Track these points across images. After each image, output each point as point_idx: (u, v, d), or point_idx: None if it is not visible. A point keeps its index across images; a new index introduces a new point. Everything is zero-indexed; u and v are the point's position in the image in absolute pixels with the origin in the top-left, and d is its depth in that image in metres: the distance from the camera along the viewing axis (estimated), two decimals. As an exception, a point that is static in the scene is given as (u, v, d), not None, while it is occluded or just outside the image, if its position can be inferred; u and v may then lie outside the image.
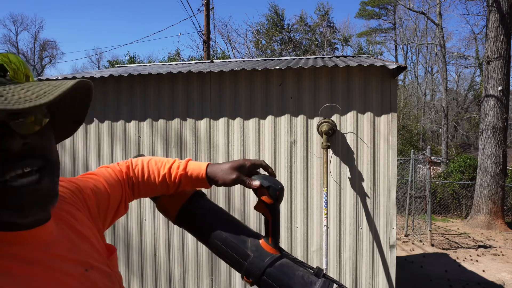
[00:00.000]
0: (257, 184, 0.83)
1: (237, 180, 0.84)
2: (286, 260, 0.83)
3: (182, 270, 3.15)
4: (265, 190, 0.83)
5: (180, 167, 0.87)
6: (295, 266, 0.82)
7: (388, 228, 2.91)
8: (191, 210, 0.89)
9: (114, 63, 23.66)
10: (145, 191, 0.89)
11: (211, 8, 11.05)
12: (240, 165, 0.85)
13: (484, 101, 9.37)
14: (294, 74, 2.98)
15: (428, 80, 26.73)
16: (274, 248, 0.84)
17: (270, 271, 0.80)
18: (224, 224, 0.87)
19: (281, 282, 0.79)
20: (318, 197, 2.97)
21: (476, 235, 8.61)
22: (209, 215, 0.88)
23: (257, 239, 0.85)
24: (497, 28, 8.98)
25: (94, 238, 0.70)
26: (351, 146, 2.93)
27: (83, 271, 0.61)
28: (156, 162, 0.90)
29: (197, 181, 0.87)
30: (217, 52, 20.16)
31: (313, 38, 25.49)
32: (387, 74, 2.87)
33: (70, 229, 0.64)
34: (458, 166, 12.01)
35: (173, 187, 0.88)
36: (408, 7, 20.12)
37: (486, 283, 5.41)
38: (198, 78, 3.08)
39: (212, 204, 0.92)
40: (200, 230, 0.88)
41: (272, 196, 0.83)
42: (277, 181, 0.85)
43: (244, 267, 0.82)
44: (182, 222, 0.89)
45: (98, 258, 0.67)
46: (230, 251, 0.84)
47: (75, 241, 0.64)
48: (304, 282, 0.78)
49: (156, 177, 0.87)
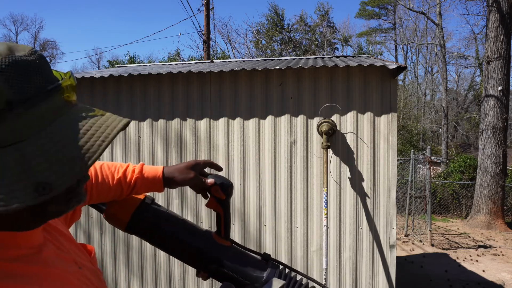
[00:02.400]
0: (211, 181, 0.89)
1: (194, 178, 0.88)
2: (238, 249, 0.91)
3: (182, 270, 3.15)
4: (217, 187, 0.89)
5: (136, 170, 0.88)
6: (246, 254, 0.91)
7: (388, 228, 2.91)
8: (143, 217, 0.89)
9: (114, 63, 23.66)
10: (98, 195, 0.86)
11: (211, 8, 11.05)
12: (195, 164, 0.90)
13: (484, 101, 9.36)
14: (294, 74, 2.98)
15: (428, 80, 26.73)
16: (226, 240, 0.91)
17: (225, 261, 0.87)
18: (177, 225, 0.91)
19: (235, 269, 0.87)
20: (318, 197, 2.97)
21: (476, 235, 8.61)
22: (162, 219, 0.90)
23: (209, 235, 0.91)
24: (497, 28, 8.98)
25: (73, 239, 0.71)
26: (351, 146, 2.93)
27: (77, 268, 0.61)
28: (109, 167, 0.88)
29: (153, 184, 0.89)
30: (217, 52, 20.17)
31: (313, 38, 25.48)
32: (387, 74, 2.87)
33: (54, 230, 0.64)
34: (458, 166, 12.01)
35: (127, 191, 0.88)
36: (408, 7, 20.12)
37: (486, 283, 5.40)
38: (198, 78, 3.08)
39: (161, 208, 0.94)
40: (154, 235, 0.90)
41: (224, 192, 0.89)
42: (226, 178, 0.92)
43: (200, 262, 0.88)
44: (134, 230, 0.90)
45: (83, 257, 0.67)
46: (187, 250, 0.89)
47: (62, 241, 0.64)
48: (256, 266, 0.88)
49: (110, 180, 0.86)
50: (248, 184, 3.04)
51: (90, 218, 3.24)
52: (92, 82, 3.17)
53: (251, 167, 3.03)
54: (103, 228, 3.22)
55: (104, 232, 3.21)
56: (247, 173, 3.05)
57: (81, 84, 3.19)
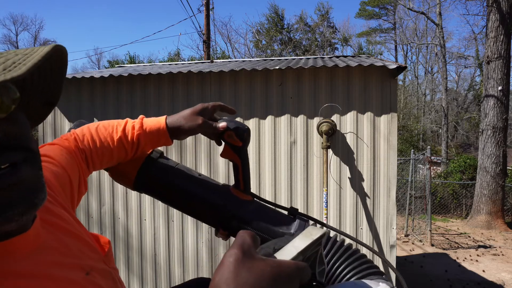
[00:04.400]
0: (223, 125, 0.77)
1: (203, 124, 0.77)
2: (260, 204, 0.81)
3: (182, 270, 3.15)
4: (232, 132, 0.77)
5: (136, 126, 0.78)
6: (270, 209, 0.80)
7: (388, 228, 2.91)
8: (151, 171, 0.81)
9: (114, 63, 23.66)
10: (100, 161, 0.77)
11: (211, 8, 11.05)
12: (202, 108, 0.79)
13: (484, 101, 9.36)
14: (294, 74, 2.98)
15: (428, 80, 26.73)
16: (246, 194, 0.80)
17: (246, 217, 0.77)
18: (190, 180, 0.82)
19: (258, 226, 0.76)
20: (318, 197, 2.97)
21: (476, 235, 8.61)
22: (171, 173, 0.81)
23: (227, 188, 0.82)
24: (497, 28, 8.98)
25: (85, 233, 0.61)
26: (351, 146, 2.93)
27: (84, 275, 0.53)
28: (105, 127, 0.78)
29: (158, 137, 0.79)
30: (217, 52, 20.19)
31: (313, 38, 25.50)
32: (387, 74, 2.87)
33: (58, 230, 0.55)
34: (458, 166, 12.01)
35: (131, 151, 0.78)
36: (408, 7, 20.12)
37: (486, 283, 5.40)
38: (198, 78, 3.08)
39: (171, 161, 0.85)
40: (165, 190, 0.82)
41: (240, 137, 0.78)
42: (241, 123, 0.80)
43: (218, 219, 0.78)
44: (142, 186, 0.82)
45: (95, 257, 0.58)
46: (202, 206, 0.80)
47: (67, 243, 0.54)
48: (281, 222, 0.77)
49: (110, 142, 0.76)
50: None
51: (90, 218, 3.24)
52: (92, 82, 3.17)
53: (251, 167, 3.03)
54: (103, 228, 3.22)
55: (104, 232, 3.21)
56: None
57: (81, 84, 3.19)
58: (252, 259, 0.37)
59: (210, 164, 3.09)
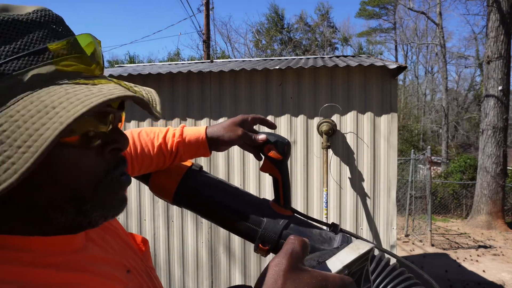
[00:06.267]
0: (263, 137, 0.76)
1: (243, 136, 0.76)
2: (301, 219, 0.79)
3: (182, 270, 3.14)
4: (272, 145, 0.76)
5: (176, 134, 0.78)
6: (311, 224, 0.79)
7: (388, 228, 2.90)
8: (191, 185, 0.80)
9: (114, 63, 23.67)
10: (139, 167, 0.77)
11: (211, 8, 11.05)
12: (242, 119, 0.78)
13: (484, 101, 9.36)
14: (294, 74, 2.98)
15: (428, 80, 26.73)
16: (286, 209, 0.79)
17: (286, 233, 0.75)
18: (229, 194, 0.81)
19: None
20: (318, 197, 2.96)
21: (476, 235, 8.60)
22: (212, 187, 0.81)
23: (267, 203, 0.80)
24: (497, 28, 8.97)
25: (123, 232, 0.62)
26: (351, 146, 2.92)
27: (125, 273, 0.52)
28: (147, 133, 0.79)
29: (196, 147, 0.78)
30: (217, 52, 20.20)
31: (313, 38, 25.50)
32: (387, 74, 2.87)
33: (101, 228, 0.54)
34: (458, 166, 12.01)
35: (170, 158, 0.78)
36: (408, 7, 20.14)
37: (486, 283, 5.40)
38: (198, 78, 3.08)
39: (211, 175, 0.84)
40: (204, 205, 0.81)
41: (280, 151, 0.76)
42: (282, 136, 0.78)
43: (259, 234, 0.76)
44: (182, 200, 0.81)
45: (133, 256, 0.59)
46: (242, 221, 0.78)
47: (109, 240, 0.55)
48: (324, 239, 0.75)
49: (151, 149, 0.76)
50: (248, 184, 3.04)
51: (90, 218, 3.24)
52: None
53: (251, 167, 3.03)
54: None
55: (104, 232, 3.21)
56: (247, 173, 3.04)
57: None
58: (298, 270, 0.36)
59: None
